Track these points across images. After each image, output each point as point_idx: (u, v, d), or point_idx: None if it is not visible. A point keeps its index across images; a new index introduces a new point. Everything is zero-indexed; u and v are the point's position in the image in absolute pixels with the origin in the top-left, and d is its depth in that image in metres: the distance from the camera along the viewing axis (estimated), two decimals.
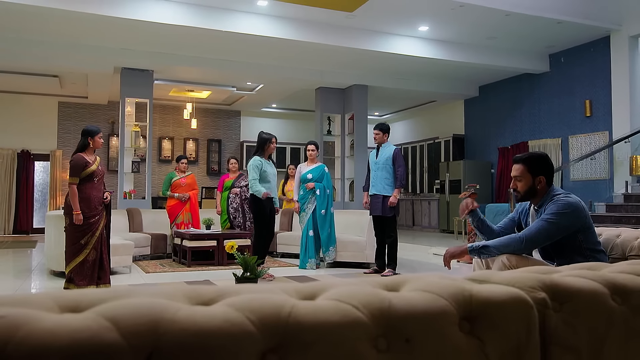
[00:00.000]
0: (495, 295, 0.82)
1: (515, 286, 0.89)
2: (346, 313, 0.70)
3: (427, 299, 0.77)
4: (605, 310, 0.92)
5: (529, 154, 2.97)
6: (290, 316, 0.67)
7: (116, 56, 9.45)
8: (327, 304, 0.72)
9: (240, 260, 3.82)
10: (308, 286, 0.80)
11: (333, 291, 0.77)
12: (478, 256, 2.91)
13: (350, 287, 0.78)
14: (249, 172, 6.15)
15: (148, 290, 0.70)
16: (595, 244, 2.83)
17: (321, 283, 0.82)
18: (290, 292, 0.78)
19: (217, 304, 0.69)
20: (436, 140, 13.72)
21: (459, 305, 0.79)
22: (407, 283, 0.84)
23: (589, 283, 0.94)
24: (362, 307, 0.72)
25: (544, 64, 10.57)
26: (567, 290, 0.91)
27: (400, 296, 0.77)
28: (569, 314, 0.89)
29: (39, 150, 12.89)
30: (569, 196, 2.83)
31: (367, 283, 0.84)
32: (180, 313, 0.64)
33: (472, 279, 0.95)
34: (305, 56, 9.80)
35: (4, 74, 10.63)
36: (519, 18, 8.46)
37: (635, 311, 0.95)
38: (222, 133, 14.50)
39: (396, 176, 6.37)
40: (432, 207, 13.22)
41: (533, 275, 0.92)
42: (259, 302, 0.68)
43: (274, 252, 8.30)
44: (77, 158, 5.17)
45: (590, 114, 9.80)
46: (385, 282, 0.85)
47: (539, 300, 0.87)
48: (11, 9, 7.36)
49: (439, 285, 0.81)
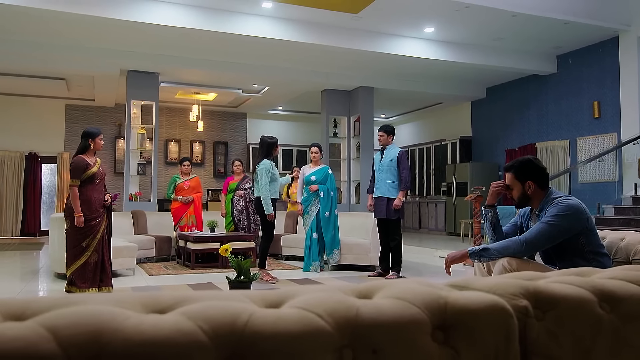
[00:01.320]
0: (471, 303, 0.77)
1: (497, 293, 0.84)
2: (309, 322, 0.66)
3: (398, 307, 0.73)
4: (592, 319, 0.87)
5: (515, 161, 2.96)
6: (247, 325, 0.64)
7: (122, 59, 9.48)
8: (290, 313, 0.68)
9: (233, 263, 3.78)
10: (275, 293, 0.76)
11: (300, 298, 0.73)
12: (478, 259, 2.86)
13: (318, 294, 0.74)
14: (261, 177, 6.03)
15: (101, 298, 0.67)
16: (598, 247, 2.77)
17: (290, 290, 0.78)
18: (255, 299, 0.74)
19: (172, 312, 0.65)
20: (443, 142, 13.64)
21: (433, 314, 0.74)
22: (381, 289, 0.80)
23: (575, 290, 0.89)
24: (326, 315, 0.68)
25: (551, 65, 10.48)
26: (551, 297, 0.86)
27: (370, 304, 0.73)
28: (553, 322, 0.84)
29: (46, 153, 12.95)
30: (569, 198, 2.78)
31: (339, 290, 0.80)
32: (128, 322, 0.60)
33: (453, 285, 0.91)
34: (310, 58, 9.77)
35: (11, 76, 10.70)
36: (525, 19, 8.39)
37: (625, 320, 0.90)
38: (228, 135, 14.50)
39: (401, 178, 6.31)
40: (439, 210, 13.14)
41: (516, 282, 0.87)
42: (215, 311, 0.64)
43: (279, 255, 8.27)
44: (78, 160, 5.15)
45: (598, 115, 9.70)
46: (360, 289, 0.81)
47: (520, 308, 0.83)
48: (17, 12, 7.40)
49: (413, 292, 0.77)
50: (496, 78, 11.57)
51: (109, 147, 13.37)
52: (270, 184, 6.03)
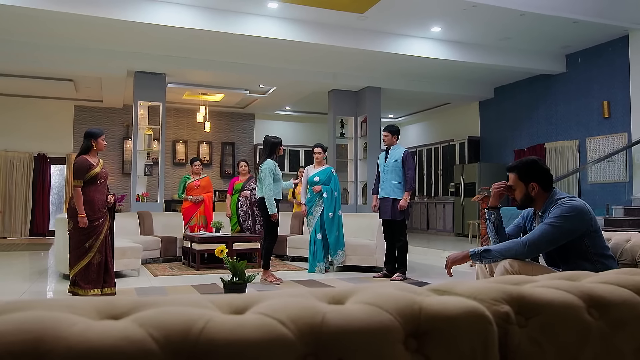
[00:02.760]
0: (447, 309, 0.73)
1: (477, 298, 0.80)
2: (269, 329, 0.63)
3: (368, 313, 0.69)
4: (578, 326, 0.83)
5: (518, 162, 2.90)
6: (202, 333, 0.60)
7: (129, 60, 9.50)
8: (250, 319, 0.65)
9: (229, 264, 3.75)
10: (242, 298, 0.73)
11: (265, 304, 0.69)
12: (480, 261, 2.81)
13: (285, 299, 0.70)
14: (265, 176, 5.97)
15: (53, 303, 0.63)
16: (603, 249, 2.71)
17: (257, 294, 0.74)
18: (220, 304, 0.70)
19: (125, 318, 0.62)
20: (451, 142, 13.55)
21: (406, 320, 0.70)
22: (355, 294, 0.76)
23: (562, 295, 0.85)
24: (289, 322, 0.65)
25: (560, 65, 10.37)
26: (535, 303, 0.82)
27: (338, 310, 0.69)
28: (536, 329, 0.80)
29: (55, 154, 13.03)
30: (573, 199, 2.72)
31: (310, 294, 0.76)
32: (74, 329, 0.57)
33: (434, 289, 0.87)
34: (317, 58, 9.74)
35: (20, 78, 10.76)
36: (533, 18, 8.29)
37: (614, 326, 0.85)
38: (235, 136, 14.51)
39: (406, 179, 6.25)
40: (447, 211, 13.05)
41: (499, 286, 0.83)
42: (169, 317, 0.61)
43: (285, 256, 8.24)
44: (81, 160, 5.15)
45: (608, 115, 9.58)
46: (333, 294, 0.78)
47: (501, 315, 0.78)
48: (24, 14, 7.44)
49: (386, 298, 0.73)
50: (505, 78, 11.47)
51: (117, 148, 13.42)
52: (274, 184, 5.99)
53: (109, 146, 13.03)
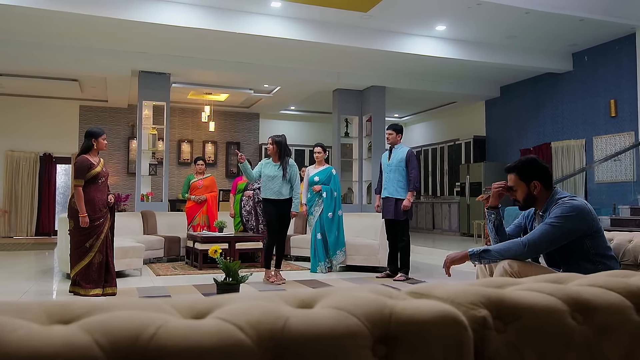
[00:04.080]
0: (420, 314, 0.70)
1: (455, 302, 0.77)
2: (226, 335, 0.60)
3: (334, 318, 0.66)
4: (561, 331, 0.79)
5: (517, 162, 2.84)
6: (153, 340, 0.57)
7: (133, 60, 9.51)
8: (207, 324, 0.61)
9: (222, 265, 3.72)
10: (205, 302, 0.69)
11: (226, 308, 0.66)
12: (479, 261, 2.76)
13: (249, 303, 0.67)
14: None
15: (1, 306, 0.61)
16: (604, 250, 2.65)
17: (222, 298, 0.71)
18: (181, 309, 0.67)
19: (74, 323, 0.59)
20: (457, 142, 13.48)
21: (374, 325, 0.67)
22: (324, 298, 0.73)
23: (545, 298, 0.81)
24: (249, 327, 0.61)
25: (566, 63, 10.28)
26: (515, 306, 0.78)
27: (303, 314, 0.66)
28: (515, 334, 0.76)
29: (60, 154, 13.07)
30: (574, 199, 2.67)
31: (279, 297, 0.73)
32: (15, 334, 0.54)
33: (412, 292, 0.84)
34: (321, 57, 9.70)
35: (25, 78, 10.80)
36: (539, 16, 8.22)
37: (600, 331, 0.81)
38: (240, 136, 14.50)
39: (409, 178, 6.19)
40: (453, 210, 12.98)
41: (478, 289, 0.80)
42: (120, 322, 0.58)
43: (288, 255, 8.21)
44: (82, 160, 5.14)
45: (615, 114, 9.48)
46: (302, 297, 0.74)
47: (478, 319, 0.75)
48: (29, 14, 7.45)
49: (356, 302, 0.69)
50: (510, 77, 11.39)
51: (122, 147, 13.45)
52: (267, 183, 5.98)
53: (114, 146, 13.08)
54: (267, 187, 5.97)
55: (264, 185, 5.99)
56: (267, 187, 5.97)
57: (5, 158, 12.55)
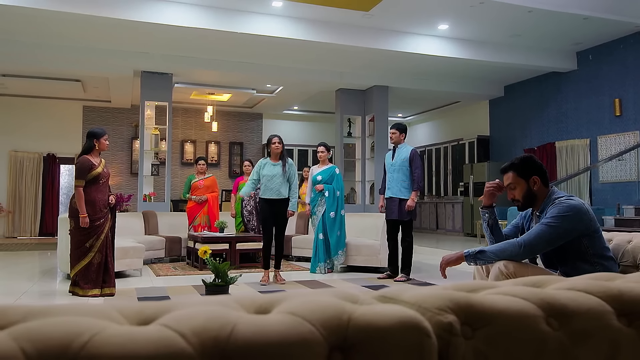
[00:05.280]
0: (379, 320, 0.66)
1: (422, 307, 0.73)
2: (166, 343, 0.56)
3: (286, 324, 0.62)
4: (534, 337, 0.75)
5: (513, 160, 2.79)
6: (85, 348, 0.54)
7: (135, 60, 9.50)
8: (148, 332, 0.58)
9: (211, 265, 3.68)
10: (153, 307, 0.66)
11: (173, 314, 0.62)
12: (474, 262, 2.72)
13: (197, 308, 0.63)
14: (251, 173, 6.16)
15: None
16: (602, 250, 2.60)
17: (173, 302, 0.68)
18: (128, 314, 0.64)
19: (6, 330, 0.56)
20: (460, 141, 13.41)
21: (330, 332, 0.63)
22: (282, 303, 0.69)
23: (517, 303, 0.77)
24: (192, 335, 0.58)
25: (571, 62, 10.20)
26: (484, 311, 0.74)
27: (254, 321, 0.62)
28: (484, 341, 0.72)
29: (64, 154, 13.09)
30: (571, 198, 2.62)
31: (235, 302, 0.70)
32: None
33: (379, 296, 0.80)
34: (323, 57, 9.66)
35: (28, 78, 10.81)
36: (542, 14, 8.16)
37: (576, 338, 0.77)
38: (244, 136, 14.49)
39: (413, 178, 6.13)
40: (456, 210, 12.91)
41: (447, 294, 0.76)
42: (52, 329, 0.55)
43: (290, 256, 8.18)
44: (83, 160, 5.15)
45: (620, 113, 9.40)
46: (261, 302, 0.71)
47: (444, 325, 0.71)
48: (30, 15, 7.46)
49: (314, 307, 0.66)
50: (514, 76, 11.32)
51: (125, 148, 13.46)
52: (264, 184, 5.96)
53: (117, 146, 13.09)
54: (267, 187, 5.93)
55: (264, 185, 5.95)
56: (267, 186, 5.92)
57: (9, 158, 12.58)
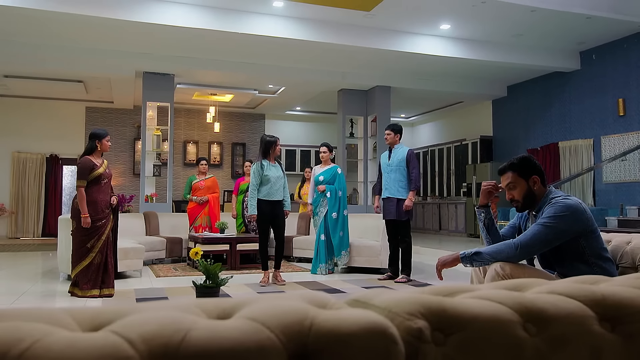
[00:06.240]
0: (343, 326, 0.63)
1: (392, 311, 0.70)
2: (112, 351, 0.53)
3: (243, 331, 0.59)
4: (510, 343, 0.72)
5: (512, 160, 2.75)
6: (23, 355, 0.51)
7: (136, 60, 9.49)
8: (96, 338, 0.55)
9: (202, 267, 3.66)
10: (107, 312, 0.63)
11: (127, 319, 0.60)
12: (470, 264, 2.68)
13: (152, 313, 0.61)
14: (251, 177, 5.96)
15: None
16: (600, 251, 2.56)
17: (130, 307, 0.65)
18: (81, 320, 0.61)
19: None
20: (463, 142, 13.36)
21: (290, 339, 0.60)
22: (245, 307, 0.66)
23: (493, 307, 0.74)
24: (140, 342, 0.55)
25: (574, 62, 10.13)
26: (457, 317, 0.71)
27: (210, 326, 0.60)
28: (456, 348, 0.69)
29: (67, 155, 13.11)
30: (568, 198, 2.58)
31: (197, 307, 0.67)
32: None
33: (351, 300, 0.77)
34: (324, 57, 9.63)
35: (31, 79, 10.83)
36: (545, 14, 8.10)
37: (554, 344, 0.74)
38: (246, 136, 14.47)
39: (411, 178, 6.13)
40: (459, 211, 12.85)
41: (418, 298, 0.73)
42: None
43: (291, 257, 8.16)
44: (85, 161, 5.17)
45: (623, 113, 9.33)
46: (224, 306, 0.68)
47: (413, 331, 0.68)
48: (31, 16, 7.46)
49: (275, 312, 0.63)
50: (517, 76, 11.26)
51: (128, 149, 13.47)
52: (264, 186, 5.84)
53: (120, 147, 13.10)
54: (273, 189, 5.84)
55: (269, 188, 5.83)
56: (273, 188, 5.84)
57: (12, 159, 12.61)
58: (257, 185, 5.81)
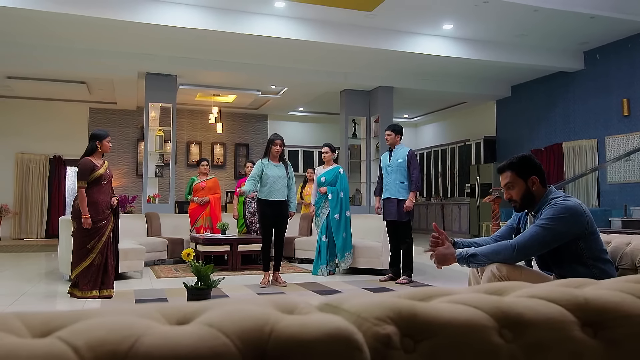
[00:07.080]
0: (305, 332, 0.60)
1: (361, 317, 0.67)
2: (57, 356, 0.51)
3: (198, 337, 0.57)
4: (484, 349, 0.69)
5: (511, 159, 2.71)
6: None
7: (139, 61, 9.49)
8: (41, 345, 0.53)
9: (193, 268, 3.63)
10: (61, 317, 0.61)
11: (77, 325, 0.57)
12: (467, 265, 2.65)
13: (102, 319, 0.58)
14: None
15: None
16: (599, 252, 2.52)
17: (83, 312, 0.62)
18: (31, 325, 0.59)
19: None
20: (467, 142, 13.30)
21: (247, 346, 0.58)
22: (205, 312, 0.64)
23: (468, 312, 0.71)
24: (86, 349, 0.53)
25: (578, 62, 10.07)
26: (430, 322, 0.68)
27: (162, 333, 0.57)
28: (426, 355, 0.66)
29: (70, 156, 13.11)
30: (567, 199, 2.53)
31: (157, 311, 0.64)
32: None
33: (323, 305, 0.74)
34: (326, 58, 9.61)
35: (34, 80, 10.86)
36: (548, 13, 8.05)
37: (532, 350, 0.71)
38: (249, 137, 14.46)
39: (411, 179, 6.10)
40: (463, 212, 12.80)
41: (389, 302, 0.70)
42: None
43: (292, 258, 8.13)
44: (85, 162, 5.17)
45: (628, 113, 9.26)
46: (185, 311, 0.65)
47: (380, 337, 0.65)
48: (34, 17, 7.47)
49: (234, 317, 0.60)
50: (521, 76, 11.20)
51: (131, 149, 13.48)
52: (264, 186, 5.80)
53: (123, 148, 13.11)
54: (273, 189, 5.80)
55: (269, 187, 5.80)
56: (273, 188, 5.80)
57: (16, 160, 12.64)
58: (255, 175, 5.82)
